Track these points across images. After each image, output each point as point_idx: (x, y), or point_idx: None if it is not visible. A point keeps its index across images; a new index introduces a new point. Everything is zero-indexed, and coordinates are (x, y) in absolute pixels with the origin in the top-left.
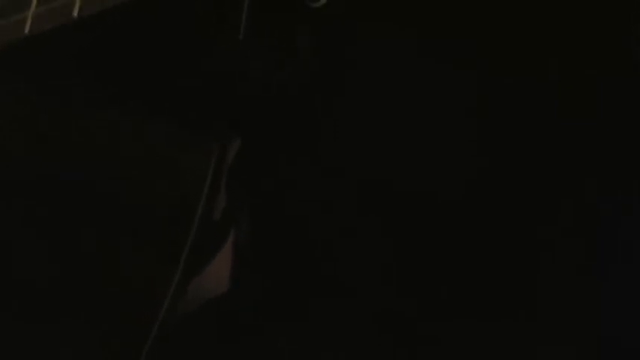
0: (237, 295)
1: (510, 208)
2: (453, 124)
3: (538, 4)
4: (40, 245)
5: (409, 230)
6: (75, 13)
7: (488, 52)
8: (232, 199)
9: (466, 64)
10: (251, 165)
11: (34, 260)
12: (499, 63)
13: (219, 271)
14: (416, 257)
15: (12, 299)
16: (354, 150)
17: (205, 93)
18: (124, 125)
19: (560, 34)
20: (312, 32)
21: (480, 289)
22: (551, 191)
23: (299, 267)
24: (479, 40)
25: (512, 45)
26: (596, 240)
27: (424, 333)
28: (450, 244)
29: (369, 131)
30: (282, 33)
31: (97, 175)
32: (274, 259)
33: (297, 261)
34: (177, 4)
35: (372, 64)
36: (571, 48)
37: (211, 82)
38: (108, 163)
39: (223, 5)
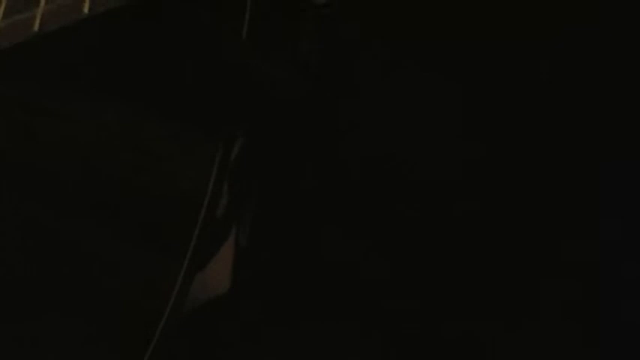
0: (237, 295)
1: (509, 208)
2: (448, 123)
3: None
4: (40, 245)
5: (409, 231)
6: (86, 10)
7: (481, 53)
8: (234, 198)
9: (460, 67)
10: (253, 164)
11: (34, 260)
12: (491, 65)
13: (220, 270)
14: (416, 257)
15: (11, 299)
16: (356, 149)
17: (207, 92)
18: (123, 125)
19: (552, 32)
20: (315, 32)
21: (481, 289)
22: (551, 192)
23: (300, 266)
24: (475, 41)
25: (509, 45)
26: (597, 240)
27: (425, 333)
28: (450, 245)
29: (371, 130)
30: (285, 32)
31: (97, 174)
32: (275, 259)
33: (299, 260)
34: (178, 4)
35: (372, 64)
36: (561, 49)
37: (213, 81)
38: (107, 163)
39: (225, 5)
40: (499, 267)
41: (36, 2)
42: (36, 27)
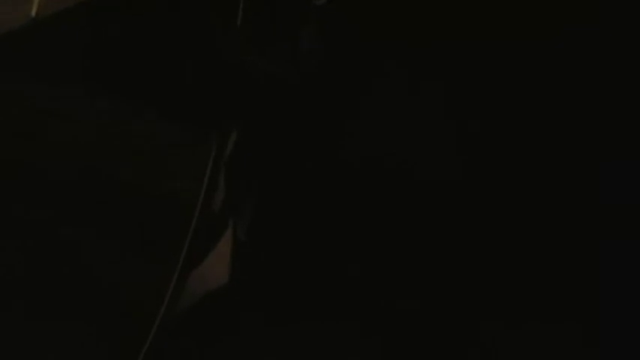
0: (237, 295)
1: (509, 208)
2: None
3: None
4: (40, 245)
5: (409, 231)
6: None
7: (482, 54)
8: (233, 193)
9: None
10: (253, 159)
11: (34, 260)
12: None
13: (218, 264)
14: (416, 257)
15: (11, 299)
16: (356, 148)
17: (207, 88)
18: (122, 124)
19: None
20: (315, 29)
21: (481, 289)
22: (551, 192)
23: (300, 266)
24: (476, 42)
25: (510, 45)
26: (598, 240)
27: (425, 333)
28: (450, 244)
29: (371, 130)
30: (286, 31)
31: (97, 174)
32: (275, 259)
33: (299, 260)
34: (176, 3)
35: (373, 64)
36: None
37: (211, 79)
38: (107, 163)
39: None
40: (499, 267)
41: None
42: (33, 12)
